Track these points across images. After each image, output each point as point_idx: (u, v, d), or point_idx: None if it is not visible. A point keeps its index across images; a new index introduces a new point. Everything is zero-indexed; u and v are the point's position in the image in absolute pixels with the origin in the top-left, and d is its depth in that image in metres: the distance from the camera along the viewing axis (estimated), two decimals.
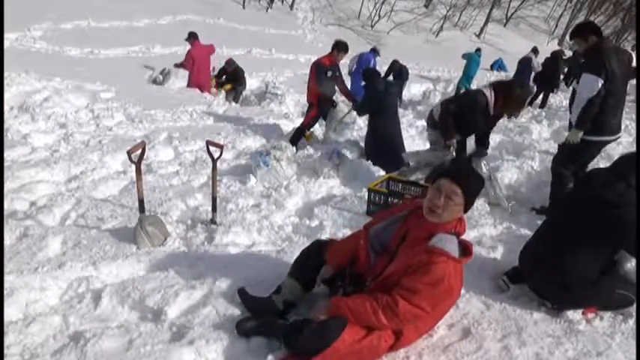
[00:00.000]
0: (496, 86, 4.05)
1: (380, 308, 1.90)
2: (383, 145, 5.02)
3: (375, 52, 9.77)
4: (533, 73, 10.27)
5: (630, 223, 2.24)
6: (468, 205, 2.01)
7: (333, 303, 2.01)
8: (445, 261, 1.87)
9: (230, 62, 9.21)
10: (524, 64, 10.42)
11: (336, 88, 6.00)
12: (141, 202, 3.01)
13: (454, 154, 4.34)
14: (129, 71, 8.96)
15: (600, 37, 3.52)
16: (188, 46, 8.74)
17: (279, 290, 2.33)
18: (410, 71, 11.18)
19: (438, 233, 1.95)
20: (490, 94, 3.97)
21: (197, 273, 2.69)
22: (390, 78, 10.70)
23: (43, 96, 5.89)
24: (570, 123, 3.76)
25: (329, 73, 5.69)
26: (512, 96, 3.97)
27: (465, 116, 4.09)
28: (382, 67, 9.80)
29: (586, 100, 3.44)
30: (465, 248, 1.98)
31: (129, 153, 2.83)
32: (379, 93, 5.14)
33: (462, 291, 2.53)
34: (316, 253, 2.35)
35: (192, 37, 8.65)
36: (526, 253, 2.62)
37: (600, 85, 3.38)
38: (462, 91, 9.36)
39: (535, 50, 10.85)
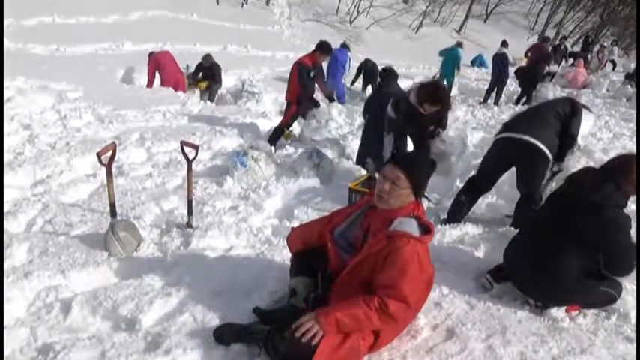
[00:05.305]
0: (419, 86, 3.91)
1: (374, 312, 1.87)
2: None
3: (346, 47, 9.72)
4: (510, 67, 10.17)
5: (612, 227, 2.23)
6: (417, 190, 2.06)
7: (323, 320, 1.86)
8: (408, 242, 1.91)
9: (207, 58, 8.95)
10: (501, 60, 10.14)
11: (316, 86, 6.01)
12: (112, 206, 2.95)
13: None
14: (97, 69, 8.70)
15: None
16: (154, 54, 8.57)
17: (294, 293, 2.28)
18: None
19: (396, 219, 2.00)
20: (414, 96, 3.85)
21: (173, 279, 2.64)
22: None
23: (6, 96, 5.65)
24: None
25: (311, 74, 5.66)
26: (431, 95, 3.79)
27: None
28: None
29: None
30: (426, 227, 2.01)
31: (99, 155, 2.78)
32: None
33: (446, 290, 2.55)
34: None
35: (150, 55, 8.54)
36: (511, 250, 2.62)
37: None
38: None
39: (505, 44, 10.76)
